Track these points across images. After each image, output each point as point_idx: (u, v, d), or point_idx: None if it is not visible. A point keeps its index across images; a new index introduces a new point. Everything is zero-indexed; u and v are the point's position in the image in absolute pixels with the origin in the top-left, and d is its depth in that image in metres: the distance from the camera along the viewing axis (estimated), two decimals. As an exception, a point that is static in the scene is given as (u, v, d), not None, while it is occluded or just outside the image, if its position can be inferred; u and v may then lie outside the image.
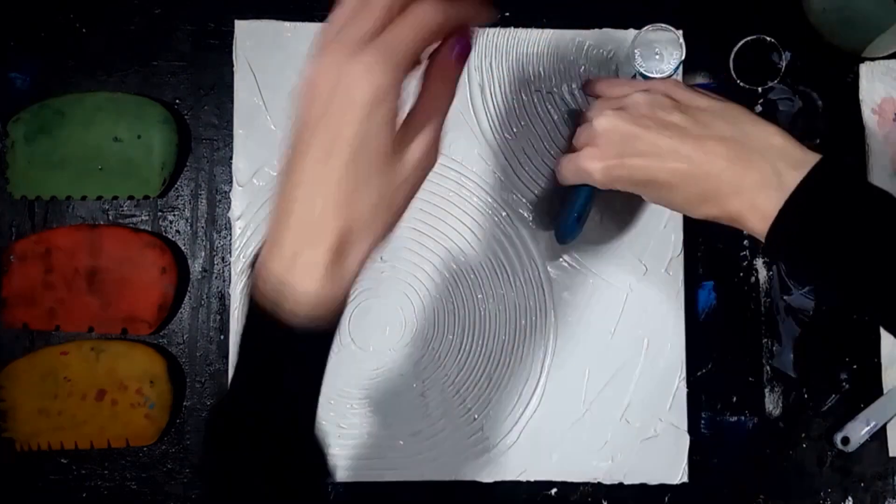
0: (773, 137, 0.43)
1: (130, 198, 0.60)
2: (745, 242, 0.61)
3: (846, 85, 0.63)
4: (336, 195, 0.34)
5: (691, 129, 0.44)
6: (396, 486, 0.58)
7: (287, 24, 0.60)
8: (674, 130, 0.44)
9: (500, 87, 0.60)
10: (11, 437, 0.57)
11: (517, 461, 0.58)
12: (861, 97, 0.62)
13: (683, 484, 0.58)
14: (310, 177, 0.35)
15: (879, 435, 0.60)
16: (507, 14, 0.61)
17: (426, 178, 0.37)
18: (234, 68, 0.59)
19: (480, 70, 0.60)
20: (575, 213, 0.53)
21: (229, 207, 0.59)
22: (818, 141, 0.62)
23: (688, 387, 0.59)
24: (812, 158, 0.42)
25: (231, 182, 0.59)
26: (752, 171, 0.42)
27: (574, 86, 0.60)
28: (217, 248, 0.60)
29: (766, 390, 0.61)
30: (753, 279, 0.61)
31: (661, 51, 0.57)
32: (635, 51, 0.57)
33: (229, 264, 0.59)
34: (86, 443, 0.57)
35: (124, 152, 0.59)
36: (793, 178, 0.41)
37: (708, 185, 0.44)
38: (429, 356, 0.58)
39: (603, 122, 0.46)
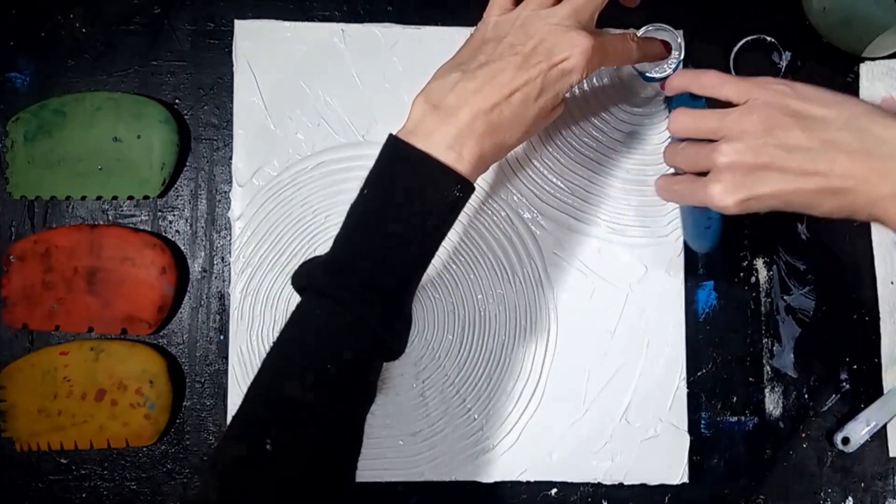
0: None
1: (130, 198, 0.60)
2: (746, 242, 0.61)
3: (846, 85, 0.63)
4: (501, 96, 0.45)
5: (818, 148, 0.43)
6: (396, 486, 0.58)
7: (287, 24, 0.60)
8: (799, 153, 0.43)
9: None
10: (11, 437, 0.57)
11: (517, 461, 0.58)
12: (861, 97, 0.62)
13: (683, 484, 0.58)
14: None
15: (879, 435, 0.60)
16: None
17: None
18: (234, 68, 0.59)
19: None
20: (717, 215, 0.51)
21: (229, 207, 0.59)
22: (818, 141, 0.62)
23: (688, 387, 0.59)
24: None
25: (231, 182, 0.59)
26: (887, 181, 0.42)
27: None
28: (217, 248, 0.60)
29: (766, 390, 0.61)
30: (753, 279, 0.61)
31: (661, 51, 0.57)
32: (635, 51, 0.57)
33: (229, 264, 0.59)
34: (85, 443, 0.57)
35: (124, 152, 0.59)
36: None
37: (844, 199, 0.43)
38: (428, 356, 0.58)
39: (724, 158, 0.44)
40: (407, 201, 0.44)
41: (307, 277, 0.45)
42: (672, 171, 0.51)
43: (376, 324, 0.43)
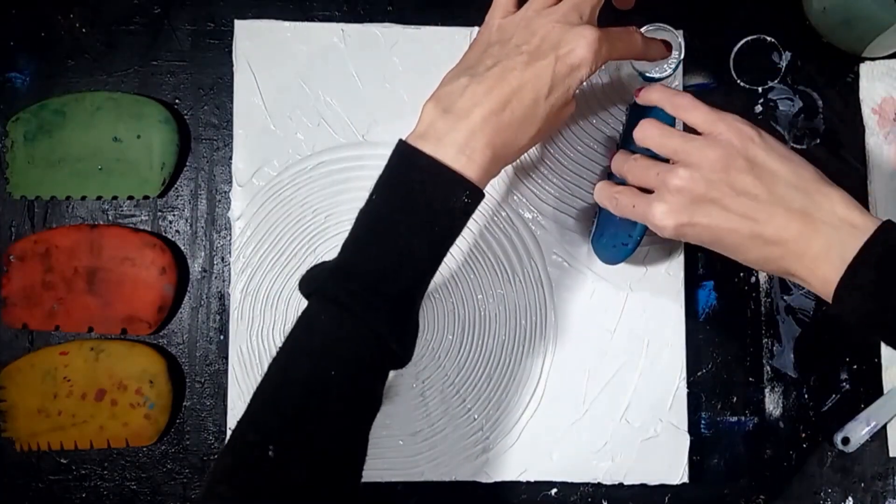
0: (837, 206, 0.44)
1: (130, 198, 0.60)
2: (745, 242, 0.61)
3: (846, 85, 0.63)
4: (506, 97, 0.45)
5: (763, 198, 0.45)
6: (396, 486, 0.58)
7: (287, 24, 0.60)
8: (746, 197, 0.45)
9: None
10: (11, 437, 0.57)
11: (517, 461, 0.58)
12: (861, 97, 0.62)
13: (683, 484, 0.58)
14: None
15: (879, 435, 0.60)
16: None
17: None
18: (234, 68, 0.59)
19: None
20: (637, 237, 0.52)
21: (229, 207, 0.59)
22: (818, 141, 0.62)
23: (688, 387, 0.59)
24: (872, 225, 0.43)
25: (231, 182, 0.59)
26: (816, 243, 0.44)
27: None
28: (217, 248, 0.60)
29: (766, 390, 0.61)
30: (753, 279, 0.61)
31: (661, 51, 0.57)
32: (635, 51, 0.57)
33: (229, 264, 0.59)
34: (85, 443, 0.57)
35: (124, 152, 0.59)
36: (853, 249, 0.43)
37: (772, 251, 0.45)
38: (428, 356, 0.58)
39: (677, 181, 0.46)
40: (415, 208, 0.44)
41: (315, 283, 0.44)
42: (605, 176, 0.52)
43: (383, 331, 0.43)
